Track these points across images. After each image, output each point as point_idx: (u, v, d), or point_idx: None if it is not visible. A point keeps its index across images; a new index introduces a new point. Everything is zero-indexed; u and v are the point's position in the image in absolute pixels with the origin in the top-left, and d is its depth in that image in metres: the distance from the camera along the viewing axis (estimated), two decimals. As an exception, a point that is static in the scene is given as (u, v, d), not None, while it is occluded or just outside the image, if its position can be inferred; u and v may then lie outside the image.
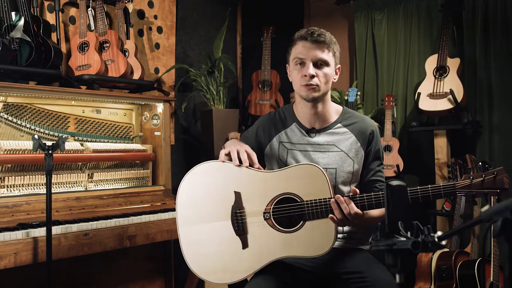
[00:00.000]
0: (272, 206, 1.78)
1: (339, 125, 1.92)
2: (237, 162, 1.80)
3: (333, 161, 1.87)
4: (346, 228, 1.90)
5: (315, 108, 1.89)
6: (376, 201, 1.68)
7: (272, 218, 1.77)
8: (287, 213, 1.76)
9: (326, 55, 1.83)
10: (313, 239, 1.71)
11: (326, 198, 1.71)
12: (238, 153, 1.82)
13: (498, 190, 1.60)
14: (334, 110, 1.95)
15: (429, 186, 1.64)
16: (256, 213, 1.78)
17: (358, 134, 1.90)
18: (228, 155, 1.84)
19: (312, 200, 1.72)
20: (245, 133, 2.09)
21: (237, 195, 1.81)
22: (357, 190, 1.71)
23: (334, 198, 1.68)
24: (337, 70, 1.91)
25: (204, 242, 1.82)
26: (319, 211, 1.71)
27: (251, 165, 1.81)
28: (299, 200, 1.75)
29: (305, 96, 1.86)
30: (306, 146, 1.90)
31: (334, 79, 1.90)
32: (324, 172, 1.74)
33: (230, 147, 1.86)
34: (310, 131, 1.91)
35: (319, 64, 1.83)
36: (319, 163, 1.85)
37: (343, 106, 1.99)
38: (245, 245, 1.78)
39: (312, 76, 1.81)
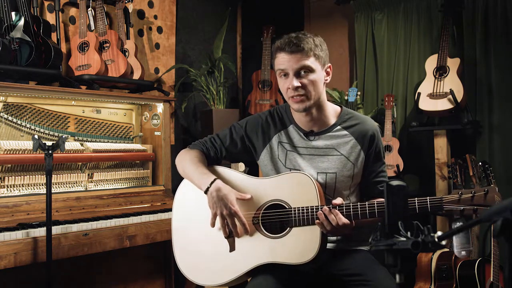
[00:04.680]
0: (262, 212, 1.79)
1: (338, 127, 1.86)
2: (226, 234, 1.80)
3: (333, 166, 1.83)
4: None
5: (310, 115, 1.83)
6: (362, 211, 1.66)
7: (260, 223, 1.78)
8: (275, 219, 1.77)
9: (309, 62, 1.73)
10: (298, 246, 1.71)
11: (313, 206, 1.71)
12: (226, 217, 1.76)
13: (488, 208, 1.51)
14: (332, 112, 1.88)
15: (416, 199, 1.61)
16: (246, 218, 1.78)
17: (358, 137, 1.85)
18: (215, 217, 1.80)
19: (299, 208, 1.72)
20: (236, 124, 1.99)
21: None
22: (343, 201, 1.70)
23: (321, 209, 1.67)
24: (328, 70, 1.82)
25: (194, 242, 1.86)
26: (305, 218, 1.71)
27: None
28: (287, 207, 1.75)
29: (296, 109, 1.80)
30: (306, 149, 1.86)
31: (326, 80, 1.82)
32: (313, 181, 1.73)
33: (215, 208, 1.78)
34: (309, 134, 1.87)
35: (303, 72, 1.74)
36: (319, 167, 1.84)
37: (341, 106, 1.92)
38: (232, 248, 1.80)
39: (297, 88, 1.74)
